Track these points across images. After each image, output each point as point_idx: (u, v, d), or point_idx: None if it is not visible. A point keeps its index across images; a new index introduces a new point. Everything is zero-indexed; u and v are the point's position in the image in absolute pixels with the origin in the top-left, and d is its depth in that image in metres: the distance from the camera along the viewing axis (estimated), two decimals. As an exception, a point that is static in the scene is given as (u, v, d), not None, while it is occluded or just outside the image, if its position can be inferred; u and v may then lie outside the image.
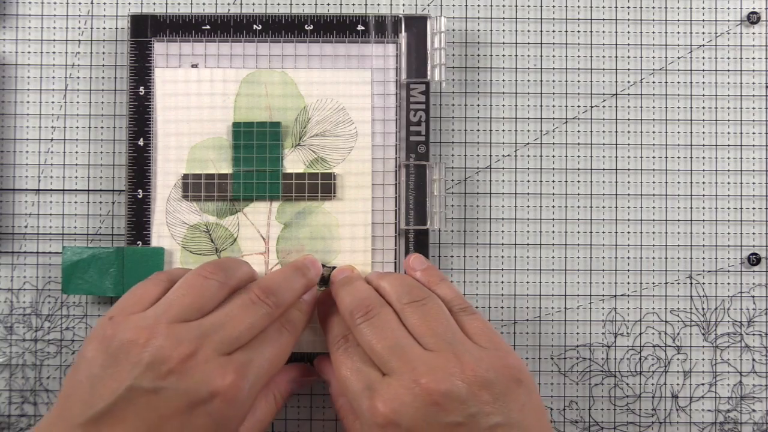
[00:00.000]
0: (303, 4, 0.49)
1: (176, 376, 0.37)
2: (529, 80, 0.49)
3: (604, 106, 0.49)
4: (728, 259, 0.48)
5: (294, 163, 0.47)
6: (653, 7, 0.49)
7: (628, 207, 0.48)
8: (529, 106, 0.49)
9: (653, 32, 0.49)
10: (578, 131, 0.48)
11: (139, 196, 0.46)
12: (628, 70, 0.49)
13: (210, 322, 0.39)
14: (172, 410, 0.37)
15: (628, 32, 0.49)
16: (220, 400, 0.37)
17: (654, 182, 0.48)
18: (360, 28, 0.47)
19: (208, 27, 0.47)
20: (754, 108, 0.49)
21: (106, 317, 0.39)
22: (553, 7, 0.49)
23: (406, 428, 0.37)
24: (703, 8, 0.49)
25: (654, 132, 0.49)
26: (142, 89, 0.47)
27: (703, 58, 0.49)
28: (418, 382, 0.37)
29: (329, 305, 0.44)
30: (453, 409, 0.37)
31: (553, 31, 0.49)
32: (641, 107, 0.49)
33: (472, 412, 0.37)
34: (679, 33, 0.49)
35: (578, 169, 0.48)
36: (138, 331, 0.38)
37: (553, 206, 0.48)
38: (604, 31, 0.49)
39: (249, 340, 0.40)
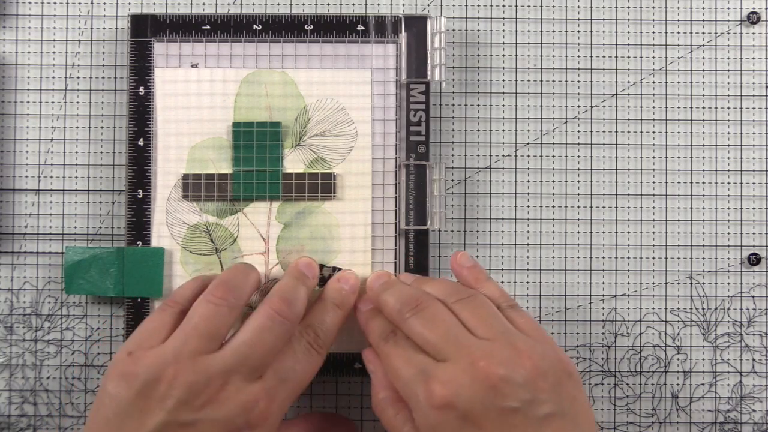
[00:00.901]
0: (303, 4, 0.49)
1: (212, 406, 0.38)
2: (529, 80, 0.49)
3: (604, 106, 0.49)
4: (728, 259, 0.48)
5: (294, 163, 0.47)
6: (653, 7, 0.49)
7: (628, 207, 0.48)
8: (529, 106, 0.49)
9: (653, 32, 0.49)
10: (578, 131, 0.48)
11: (139, 196, 0.46)
12: (628, 70, 0.49)
13: (233, 352, 0.39)
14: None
15: (628, 32, 0.49)
16: (253, 426, 0.38)
17: (654, 182, 0.48)
18: (360, 28, 0.47)
19: (208, 27, 0.47)
20: (754, 108, 0.49)
21: (123, 353, 0.40)
22: (553, 7, 0.49)
23: (463, 411, 0.37)
24: (703, 8, 0.49)
25: (654, 132, 0.49)
26: (142, 89, 0.47)
27: (703, 58, 0.49)
28: (477, 365, 0.37)
29: (370, 311, 0.44)
30: (510, 394, 0.37)
31: (553, 31, 0.49)
32: (641, 107, 0.49)
33: (528, 399, 0.37)
34: (679, 33, 0.49)
35: (578, 169, 0.48)
36: (162, 367, 0.38)
37: (553, 206, 0.48)
38: (604, 31, 0.49)
39: (274, 358, 0.40)
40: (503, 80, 0.49)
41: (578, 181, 0.48)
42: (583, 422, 0.38)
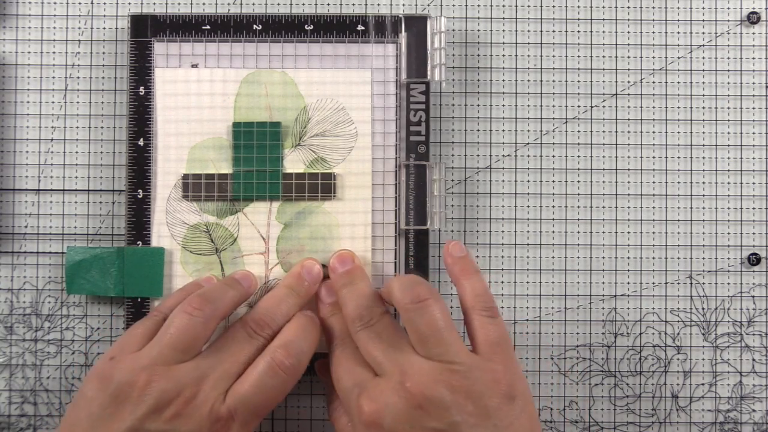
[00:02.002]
0: (303, 4, 0.49)
1: (181, 419, 0.38)
2: (529, 80, 0.49)
3: (604, 106, 0.49)
4: (728, 259, 0.48)
5: (294, 163, 0.47)
6: (653, 7, 0.49)
7: (628, 207, 0.48)
8: (529, 106, 0.49)
9: (653, 32, 0.49)
10: (578, 131, 0.48)
11: (139, 196, 0.46)
12: (628, 70, 0.49)
13: (207, 363, 0.40)
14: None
15: (628, 32, 0.49)
16: None
17: (654, 182, 0.48)
18: (360, 28, 0.47)
19: (208, 27, 0.47)
20: (754, 108, 0.49)
21: (107, 356, 0.40)
22: (553, 7, 0.49)
23: (388, 429, 0.37)
24: (703, 8, 0.49)
25: (654, 132, 0.49)
26: (142, 89, 0.47)
27: (703, 58, 0.49)
28: (404, 384, 0.38)
29: (332, 305, 0.44)
30: (436, 415, 0.37)
31: (553, 31, 0.49)
32: (641, 107, 0.49)
33: (455, 421, 0.37)
34: (679, 33, 0.49)
35: (578, 169, 0.48)
36: (135, 373, 0.39)
37: (553, 206, 0.48)
38: (604, 31, 0.49)
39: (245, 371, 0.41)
40: (503, 80, 0.49)
41: (578, 181, 0.48)
42: None
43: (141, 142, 0.47)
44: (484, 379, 0.38)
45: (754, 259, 0.48)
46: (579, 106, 0.49)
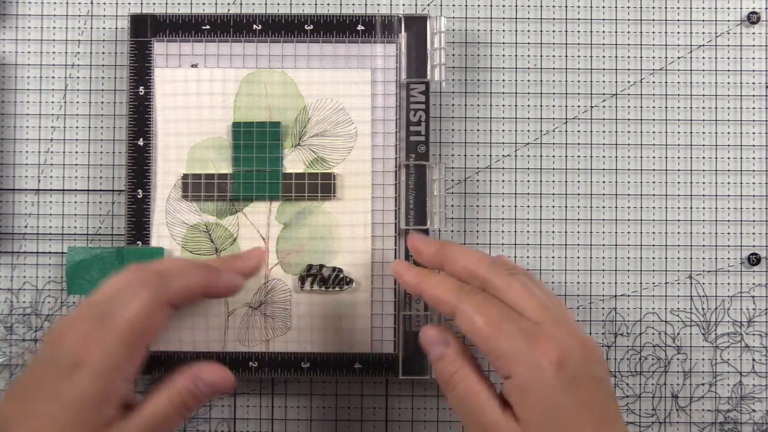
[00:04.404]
0: (303, 4, 0.49)
1: (52, 345, 0.37)
2: (529, 80, 0.49)
3: (604, 106, 0.49)
4: (728, 259, 0.48)
5: (294, 163, 0.47)
6: (653, 7, 0.49)
7: (628, 207, 0.48)
8: (529, 106, 0.49)
9: (653, 32, 0.49)
10: (578, 131, 0.48)
11: (139, 196, 0.46)
12: (628, 70, 0.49)
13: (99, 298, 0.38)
14: (46, 376, 0.36)
15: (628, 32, 0.49)
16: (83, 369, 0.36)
17: (654, 182, 0.48)
18: (360, 28, 0.47)
19: (208, 27, 0.47)
20: (754, 108, 0.49)
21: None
22: (553, 7, 0.49)
23: (572, 372, 0.37)
24: (703, 8, 0.49)
25: (654, 132, 0.49)
26: (142, 89, 0.47)
27: (703, 58, 0.49)
28: (576, 332, 0.38)
29: (430, 275, 0.42)
30: (598, 365, 0.38)
31: (553, 31, 0.49)
32: (641, 107, 0.49)
33: (604, 372, 0.38)
34: (679, 33, 0.49)
35: (578, 169, 0.48)
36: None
37: (553, 206, 0.48)
38: (604, 31, 0.49)
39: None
40: (503, 80, 0.49)
41: (578, 181, 0.48)
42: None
43: (141, 142, 0.47)
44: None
45: (754, 259, 0.48)
46: (579, 106, 0.49)
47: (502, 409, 0.37)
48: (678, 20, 0.49)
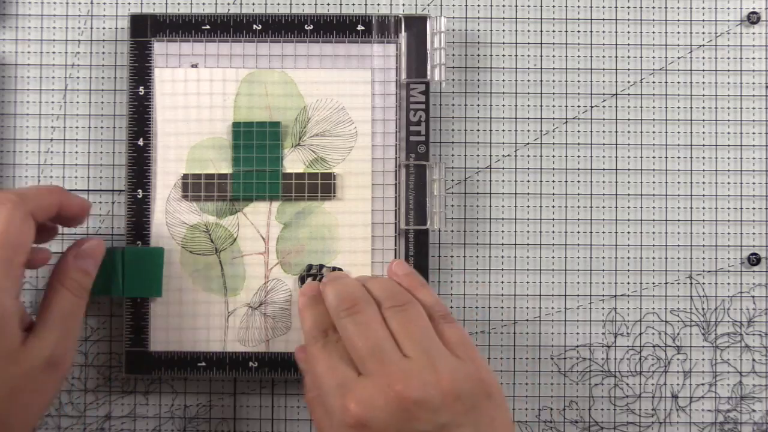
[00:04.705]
0: (303, 4, 0.49)
1: None
2: (529, 80, 0.49)
3: (604, 106, 0.49)
4: (728, 259, 0.48)
5: (294, 163, 0.47)
6: (653, 7, 0.49)
7: (628, 207, 0.48)
8: (529, 106, 0.49)
9: (653, 32, 0.49)
10: (578, 131, 0.48)
11: (139, 196, 0.46)
12: (628, 70, 0.49)
13: None
14: None
15: (628, 32, 0.49)
16: None
17: (654, 182, 0.48)
18: (360, 28, 0.47)
19: (208, 27, 0.47)
20: (754, 108, 0.49)
21: None
22: (553, 7, 0.49)
23: (376, 431, 0.37)
24: (703, 8, 0.49)
25: (654, 132, 0.49)
26: (141, 89, 0.47)
27: (703, 58, 0.49)
28: (393, 387, 0.37)
29: (311, 298, 0.43)
30: (424, 418, 0.37)
31: (553, 31, 0.49)
32: (641, 107, 0.49)
33: (443, 422, 0.37)
34: (679, 33, 0.49)
35: (578, 169, 0.48)
36: None
37: (553, 206, 0.48)
38: (604, 31, 0.49)
39: None
40: (503, 80, 0.49)
41: (578, 181, 0.48)
42: None
43: (141, 142, 0.47)
44: (469, 378, 0.38)
45: (754, 259, 0.48)
46: (579, 106, 0.49)
47: None
48: (678, 20, 0.49)
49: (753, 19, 0.49)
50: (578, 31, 0.49)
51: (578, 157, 0.48)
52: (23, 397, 0.37)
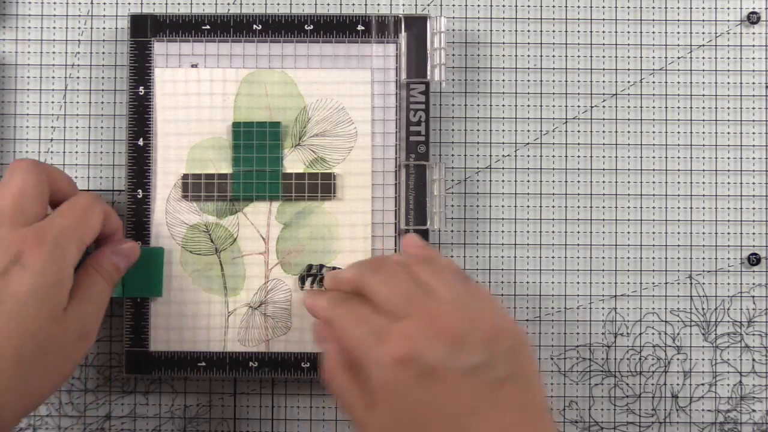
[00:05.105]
0: (303, 4, 0.49)
1: None
2: (529, 80, 0.49)
3: (604, 106, 0.49)
4: (728, 259, 0.48)
5: (294, 163, 0.47)
6: (653, 7, 0.49)
7: (628, 207, 0.48)
8: (529, 106, 0.49)
9: (653, 32, 0.49)
10: (578, 131, 0.48)
11: (139, 196, 0.46)
12: (628, 70, 0.49)
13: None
14: None
15: (628, 32, 0.49)
16: (23, 265, 0.38)
17: (654, 182, 0.48)
18: (360, 28, 0.47)
19: (208, 27, 0.47)
20: (754, 108, 0.49)
21: None
22: (553, 7, 0.49)
23: (423, 365, 0.36)
24: (703, 8, 0.49)
25: (654, 132, 0.49)
26: (141, 89, 0.47)
27: (703, 58, 0.49)
28: (437, 320, 0.37)
29: (317, 291, 0.44)
30: (470, 351, 0.36)
31: (553, 31, 0.49)
32: (641, 107, 0.49)
33: (485, 359, 0.36)
34: (679, 33, 0.49)
35: (578, 169, 0.48)
36: None
37: (553, 206, 0.48)
38: (604, 31, 0.49)
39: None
40: (503, 80, 0.49)
41: (578, 181, 0.48)
42: (535, 391, 0.38)
43: (141, 142, 0.47)
44: (507, 321, 0.39)
45: (754, 259, 0.48)
46: (579, 106, 0.49)
47: (365, 407, 0.38)
48: (678, 20, 0.49)
49: (753, 19, 0.49)
50: (578, 31, 0.49)
51: (578, 157, 0.48)
52: (54, 359, 0.39)
